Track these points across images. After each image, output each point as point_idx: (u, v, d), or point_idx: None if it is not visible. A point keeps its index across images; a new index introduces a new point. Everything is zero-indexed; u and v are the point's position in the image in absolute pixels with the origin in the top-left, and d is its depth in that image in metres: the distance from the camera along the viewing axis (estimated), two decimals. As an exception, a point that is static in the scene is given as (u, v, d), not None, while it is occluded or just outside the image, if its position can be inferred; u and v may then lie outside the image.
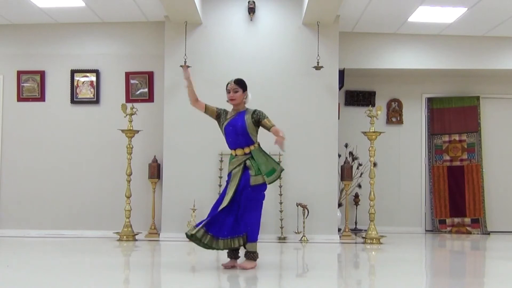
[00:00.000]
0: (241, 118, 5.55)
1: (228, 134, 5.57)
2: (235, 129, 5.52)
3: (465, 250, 8.05)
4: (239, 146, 5.53)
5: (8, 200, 8.44)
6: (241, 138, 5.51)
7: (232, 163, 5.54)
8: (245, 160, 5.48)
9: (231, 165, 5.54)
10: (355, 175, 8.82)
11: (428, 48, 8.98)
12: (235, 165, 5.50)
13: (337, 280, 5.52)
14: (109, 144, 8.36)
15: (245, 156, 5.50)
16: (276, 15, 8.19)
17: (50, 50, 8.54)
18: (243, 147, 5.52)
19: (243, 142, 5.51)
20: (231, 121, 5.57)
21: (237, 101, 5.60)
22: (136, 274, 5.66)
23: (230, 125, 5.56)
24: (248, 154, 5.51)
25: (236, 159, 5.52)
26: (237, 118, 5.56)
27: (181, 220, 7.87)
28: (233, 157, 5.55)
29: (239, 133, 5.51)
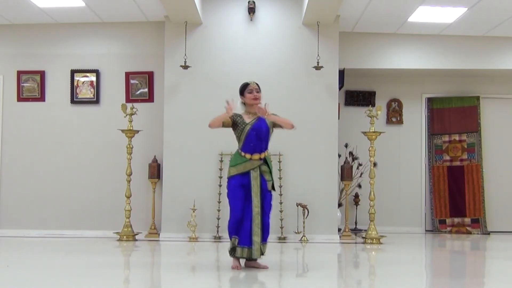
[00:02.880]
0: (264, 123, 5.51)
1: (250, 138, 5.47)
2: (259, 134, 5.48)
3: (465, 250, 8.05)
4: (258, 151, 5.48)
5: (8, 200, 8.44)
6: (263, 143, 5.50)
7: (244, 166, 5.46)
8: (259, 165, 5.47)
9: (243, 167, 5.45)
10: (355, 175, 8.81)
11: (428, 48, 8.98)
12: (248, 169, 5.44)
13: (337, 280, 5.52)
14: (109, 144, 8.36)
15: (260, 161, 5.48)
16: (276, 15, 8.19)
17: (50, 50, 8.54)
18: (260, 153, 5.48)
19: (264, 147, 5.50)
20: (254, 126, 5.48)
21: (259, 102, 5.51)
22: (136, 274, 5.67)
23: (254, 130, 5.47)
24: (262, 160, 5.50)
25: (249, 163, 5.46)
26: (259, 123, 5.49)
27: (181, 220, 7.87)
28: (246, 160, 5.46)
29: (262, 138, 5.49)
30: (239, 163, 5.49)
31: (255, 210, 5.40)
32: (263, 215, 5.45)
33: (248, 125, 5.48)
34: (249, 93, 5.55)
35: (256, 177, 5.44)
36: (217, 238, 7.80)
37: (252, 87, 5.56)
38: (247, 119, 5.52)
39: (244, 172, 5.45)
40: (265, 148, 5.52)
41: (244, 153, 5.49)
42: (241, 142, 5.51)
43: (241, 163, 5.48)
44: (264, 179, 5.48)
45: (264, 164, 5.50)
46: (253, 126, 5.48)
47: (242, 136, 5.48)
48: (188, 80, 8.10)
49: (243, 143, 5.49)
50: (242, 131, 5.48)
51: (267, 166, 5.51)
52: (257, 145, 5.47)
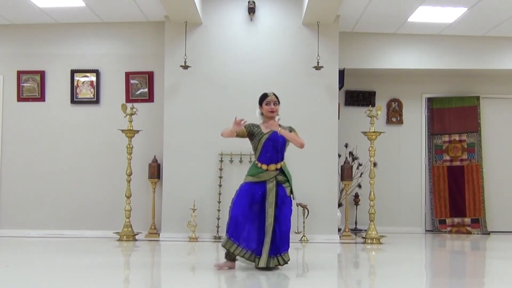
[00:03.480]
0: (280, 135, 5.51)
1: (266, 149, 5.48)
2: (276, 146, 5.49)
3: (465, 250, 8.05)
4: (274, 162, 5.49)
5: (8, 200, 8.44)
6: (279, 154, 5.52)
7: (259, 176, 5.46)
8: (275, 175, 5.48)
9: (257, 178, 5.46)
10: (355, 175, 8.82)
11: (428, 48, 8.98)
12: (263, 179, 5.46)
13: (337, 280, 5.52)
14: (109, 144, 8.36)
15: (276, 171, 5.49)
16: (276, 15, 8.19)
17: (50, 50, 8.54)
18: (276, 163, 5.50)
19: (280, 158, 5.51)
20: (271, 137, 5.49)
21: (276, 114, 5.57)
22: (136, 274, 5.67)
23: (270, 141, 5.48)
24: (279, 170, 5.51)
25: (266, 174, 5.47)
26: (276, 134, 5.49)
27: (181, 220, 7.87)
28: (262, 170, 5.47)
29: (278, 149, 5.50)
30: (256, 174, 5.50)
31: (268, 221, 5.41)
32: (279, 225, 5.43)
33: (265, 135, 5.50)
34: (266, 104, 5.59)
35: (272, 188, 5.45)
36: (217, 238, 7.79)
37: (270, 99, 5.59)
38: (264, 130, 5.54)
39: (260, 182, 5.46)
40: (281, 158, 5.53)
41: (260, 163, 5.50)
42: (258, 152, 5.53)
43: (257, 174, 5.49)
44: (282, 187, 5.49)
45: (280, 174, 5.51)
46: (270, 136, 5.50)
47: (259, 147, 5.51)
48: (188, 80, 8.10)
49: (260, 154, 5.52)
50: (259, 142, 5.51)
51: (283, 175, 5.53)
52: (273, 156, 5.49)
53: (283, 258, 5.46)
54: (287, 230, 5.50)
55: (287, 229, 5.49)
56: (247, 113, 8.03)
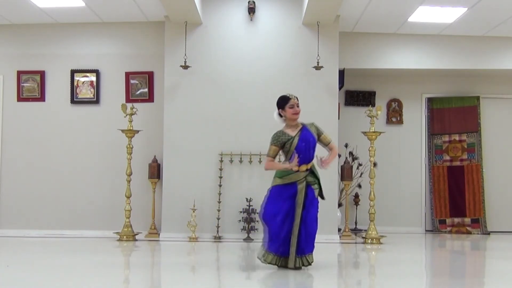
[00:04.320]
0: (309, 133, 5.53)
1: (300, 150, 5.43)
2: (308, 145, 5.48)
3: (465, 250, 8.05)
4: (306, 162, 5.46)
5: (8, 200, 8.43)
6: (312, 153, 5.50)
7: (289, 177, 5.44)
8: (305, 176, 5.47)
9: (288, 179, 5.44)
10: (355, 175, 8.81)
11: (428, 48, 8.98)
12: (292, 180, 5.43)
13: (337, 280, 5.52)
14: (109, 144, 8.36)
15: (306, 172, 5.48)
16: (276, 15, 8.19)
17: (50, 50, 8.54)
18: (307, 164, 5.48)
19: (311, 157, 5.50)
20: (302, 137, 5.48)
21: (299, 116, 5.58)
22: (136, 274, 5.67)
23: (303, 141, 5.47)
24: (309, 170, 5.50)
25: (295, 175, 5.44)
26: (305, 134, 5.50)
27: (181, 220, 7.87)
28: (292, 172, 5.44)
29: (311, 147, 5.49)
30: (285, 175, 5.47)
31: (296, 221, 5.41)
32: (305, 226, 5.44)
33: (296, 137, 5.48)
34: (290, 108, 5.54)
35: (302, 189, 5.44)
36: (217, 238, 7.80)
37: (293, 102, 5.55)
38: (291, 133, 5.52)
39: (291, 183, 5.45)
40: (312, 158, 5.52)
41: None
42: (290, 154, 5.49)
43: (287, 175, 5.46)
44: (311, 188, 5.49)
45: (309, 174, 5.50)
46: (301, 137, 5.48)
47: (291, 149, 5.46)
48: (188, 80, 8.09)
49: (292, 155, 5.46)
50: (291, 145, 5.47)
51: (313, 176, 5.52)
52: (306, 156, 5.46)
53: (307, 259, 5.47)
54: (313, 232, 5.51)
55: (313, 231, 5.50)
56: (247, 113, 8.08)
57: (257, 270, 5.66)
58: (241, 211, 7.86)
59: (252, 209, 7.84)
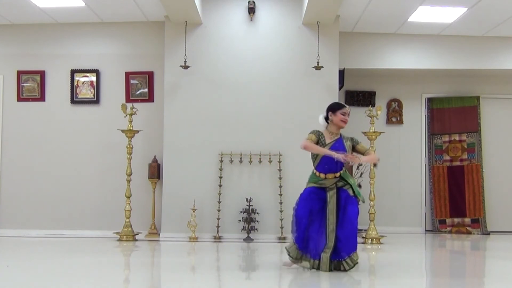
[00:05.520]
0: (342, 145, 5.47)
1: (327, 161, 5.39)
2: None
3: (465, 250, 8.04)
4: (334, 172, 5.43)
5: (8, 200, 8.44)
6: (339, 165, 5.42)
7: (320, 183, 5.43)
8: (336, 182, 5.43)
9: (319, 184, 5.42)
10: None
11: (428, 48, 8.98)
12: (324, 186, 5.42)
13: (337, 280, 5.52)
14: (109, 144, 8.37)
15: (336, 179, 5.44)
16: (276, 15, 8.19)
17: (50, 50, 8.54)
18: (335, 173, 5.44)
19: (339, 168, 5.44)
20: (332, 148, 5.41)
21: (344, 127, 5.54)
22: (136, 274, 5.66)
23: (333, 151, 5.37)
24: (338, 177, 5.46)
25: (326, 181, 5.43)
26: (337, 145, 5.45)
27: (181, 220, 7.88)
28: (320, 179, 5.44)
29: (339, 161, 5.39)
30: (316, 181, 5.47)
31: (330, 228, 5.38)
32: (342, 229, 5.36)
33: (327, 146, 5.43)
34: (342, 114, 5.50)
35: (332, 195, 5.41)
36: (217, 238, 7.80)
37: (347, 111, 5.53)
38: (328, 139, 5.47)
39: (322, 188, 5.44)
40: (340, 169, 5.46)
41: (319, 173, 5.47)
42: (317, 162, 5.48)
43: (317, 181, 5.46)
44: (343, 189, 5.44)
45: (340, 180, 5.46)
46: (333, 146, 5.42)
47: (319, 156, 5.43)
48: (188, 80, 8.10)
49: (318, 163, 5.46)
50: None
51: (344, 181, 5.47)
52: (332, 167, 5.41)
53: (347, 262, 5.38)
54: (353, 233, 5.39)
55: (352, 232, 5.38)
56: (248, 113, 8.09)
57: (257, 270, 5.66)
58: (241, 211, 7.86)
59: (252, 209, 7.84)
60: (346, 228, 5.38)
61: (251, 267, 5.93)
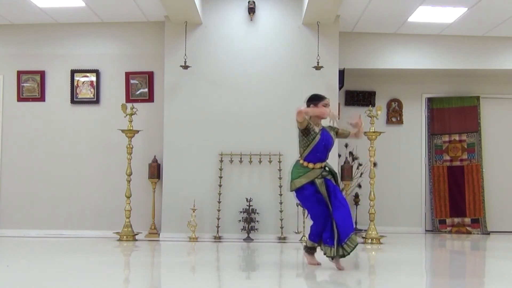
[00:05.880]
0: (330, 136, 5.64)
1: (318, 149, 5.53)
2: (327, 147, 5.60)
3: (465, 250, 8.04)
4: (322, 161, 5.59)
5: (8, 200, 8.44)
6: (327, 154, 5.63)
7: (307, 176, 5.52)
8: (321, 172, 5.56)
9: (306, 178, 5.52)
10: (355, 175, 8.81)
11: (428, 48, 8.98)
12: (311, 178, 5.51)
13: (337, 280, 5.52)
14: (109, 144, 8.37)
15: (321, 169, 5.58)
16: (276, 15, 8.19)
17: (50, 50, 8.54)
18: (322, 162, 5.59)
19: (326, 157, 5.64)
20: (323, 137, 5.57)
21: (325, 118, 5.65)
22: (136, 274, 5.66)
23: (323, 141, 5.56)
24: (323, 167, 5.61)
25: (312, 172, 5.53)
26: (326, 135, 5.60)
27: (181, 220, 7.88)
28: (309, 169, 5.54)
29: (327, 149, 5.61)
30: (302, 175, 5.55)
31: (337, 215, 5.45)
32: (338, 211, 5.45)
33: (318, 135, 5.55)
34: (324, 106, 5.62)
35: (321, 184, 5.53)
36: (217, 238, 7.80)
37: (326, 102, 5.65)
38: (316, 129, 5.59)
39: (309, 182, 5.53)
40: (327, 158, 5.64)
41: (307, 162, 5.56)
42: (308, 151, 5.56)
43: (304, 174, 5.54)
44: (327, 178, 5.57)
45: (324, 170, 5.61)
46: (322, 136, 5.56)
47: (312, 145, 5.53)
48: (188, 80, 8.10)
49: (309, 152, 5.55)
50: (313, 140, 5.53)
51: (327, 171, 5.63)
52: (322, 155, 5.58)
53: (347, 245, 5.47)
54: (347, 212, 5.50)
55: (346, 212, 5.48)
56: (247, 113, 8.08)
57: (257, 270, 5.66)
58: (241, 211, 7.86)
59: (252, 209, 7.84)
60: (340, 210, 5.46)
61: (251, 267, 5.93)
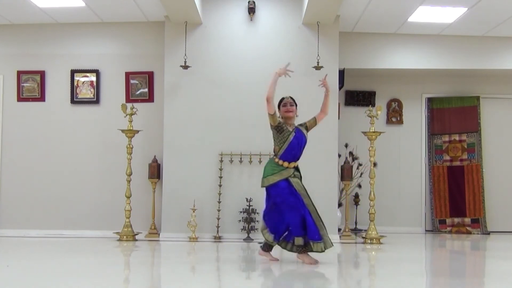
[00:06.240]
0: (302, 134, 5.90)
1: (292, 147, 5.78)
2: (300, 145, 5.85)
3: (465, 250, 8.05)
4: (295, 160, 5.84)
5: (8, 200, 8.44)
6: (301, 152, 5.89)
7: (280, 174, 5.75)
8: (294, 172, 5.82)
9: (280, 176, 5.75)
10: (355, 175, 8.82)
11: (428, 48, 8.98)
12: (285, 176, 5.75)
13: (337, 280, 5.52)
14: (109, 144, 8.37)
15: (293, 169, 5.83)
16: (276, 15, 8.19)
17: (50, 50, 8.54)
18: (296, 161, 5.85)
19: (299, 156, 5.88)
20: (297, 136, 5.82)
21: (293, 114, 5.91)
22: (136, 274, 5.67)
23: (297, 139, 5.82)
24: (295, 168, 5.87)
25: (286, 171, 5.78)
26: (299, 134, 5.86)
27: (181, 220, 7.88)
28: (283, 168, 5.78)
29: (301, 147, 5.87)
30: (276, 172, 5.79)
31: (311, 208, 5.77)
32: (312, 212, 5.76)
33: (292, 133, 5.81)
34: (283, 106, 5.93)
35: (298, 182, 5.81)
36: (217, 238, 7.80)
37: (286, 101, 5.94)
38: (289, 128, 5.85)
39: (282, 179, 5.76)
40: (299, 157, 5.89)
41: (282, 161, 5.80)
42: (283, 149, 5.79)
43: (278, 172, 5.78)
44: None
45: (296, 171, 5.88)
46: (296, 135, 5.82)
47: (286, 144, 5.78)
48: (188, 80, 8.10)
49: (285, 151, 5.79)
50: (287, 139, 5.78)
51: (299, 173, 5.91)
52: (297, 153, 5.84)
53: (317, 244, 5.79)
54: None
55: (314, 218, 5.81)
56: (248, 113, 8.08)
57: (257, 270, 5.66)
58: (241, 211, 7.86)
59: (252, 209, 7.84)
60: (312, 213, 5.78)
61: (251, 267, 5.93)
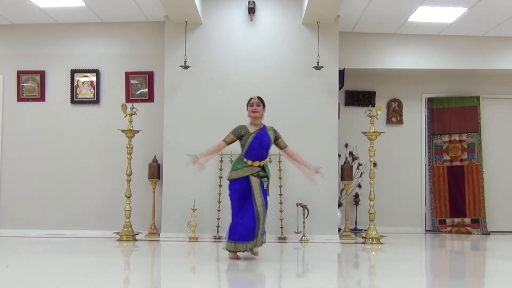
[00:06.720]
0: (266, 134, 6.10)
1: (253, 147, 6.03)
2: (262, 144, 6.05)
3: (465, 250, 8.05)
4: (259, 159, 6.05)
5: (8, 200, 8.44)
6: (264, 152, 6.08)
7: (244, 170, 6.02)
8: (258, 171, 6.03)
9: (243, 172, 6.01)
10: (355, 175, 8.81)
11: (428, 48, 8.98)
12: (247, 174, 6.00)
13: (337, 280, 5.52)
14: (109, 144, 8.37)
15: (258, 168, 6.04)
16: (276, 15, 8.19)
17: (50, 50, 8.54)
18: (260, 160, 6.05)
19: (264, 155, 6.08)
20: (257, 135, 6.06)
21: (259, 114, 6.13)
22: (136, 274, 5.67)
23: (257, 139, 6.04)
24: (261, 167, 6.07)
25: (249, 168, 6.02)
26: (262, 133, 6.08)
27: (181, 220, 7.88)
28: (247, 165, 6.03)
29: (264, 147, 6.07)
30: (239, 168, 6.06)
31: (260, 210, 5.95)
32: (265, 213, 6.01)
33: (252, 134, 6.06)
34: (250, 106, 6.16)
35: (256, 181, 6.01)
36: (217, 238, 7.80)
37: (253, 101, 6.16)
38: (251, 129, 6.10)
39: (244, 177, 6.00)
40: (265, 156, 6.10)
41: (246, 159, 6.06)
42: (245, 149, 6.06)
43: (242, 168, 6.04)
44: (261, 181, 6.07)
45: (262, 170, 6.07)
46: (256, 135, 6.05)
47: (247, 144, 6.04)
48: (188, 80, 8.10)
49: (247, 150, 6.05)
50: (247, 140, 6.04)
51: (265, 172, 6.10)
52: (260, 153, 6.04)
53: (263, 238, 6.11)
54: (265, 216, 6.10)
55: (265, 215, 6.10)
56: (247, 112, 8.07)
57: (257, 270, 5.66)
58: (241, 211, 7.85)
59: (252, 209, 7.83)
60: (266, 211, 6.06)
61: (251, 267, 5.93)
